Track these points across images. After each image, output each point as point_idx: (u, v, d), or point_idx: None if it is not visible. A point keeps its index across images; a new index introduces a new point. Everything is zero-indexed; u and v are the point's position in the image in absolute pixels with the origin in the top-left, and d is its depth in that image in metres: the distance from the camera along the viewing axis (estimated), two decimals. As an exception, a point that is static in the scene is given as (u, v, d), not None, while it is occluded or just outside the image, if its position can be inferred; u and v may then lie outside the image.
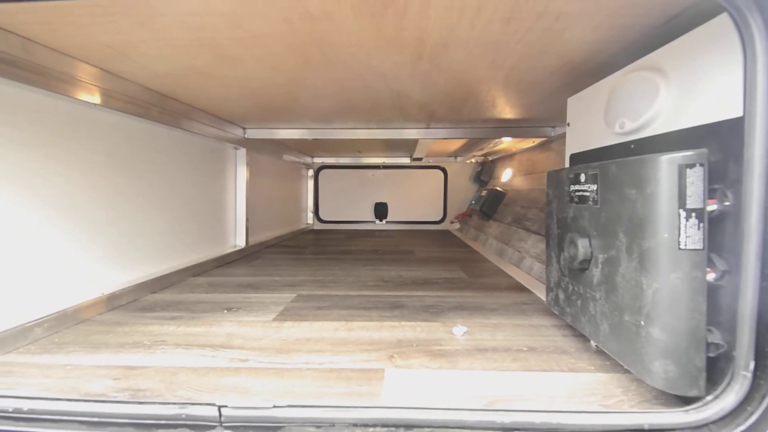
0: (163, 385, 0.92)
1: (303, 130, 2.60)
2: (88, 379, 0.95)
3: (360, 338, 1.19)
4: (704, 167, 0.73)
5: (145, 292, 1.68)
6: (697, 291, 0.74)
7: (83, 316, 1.36)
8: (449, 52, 1.19)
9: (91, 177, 1.44)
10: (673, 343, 0.75)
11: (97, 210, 1.47)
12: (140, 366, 1.02)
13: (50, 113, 1.28)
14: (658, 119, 0.93)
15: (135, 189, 1.68)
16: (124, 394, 0.87)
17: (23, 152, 1.19)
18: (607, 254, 0.93)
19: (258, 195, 2.95)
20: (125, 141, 1.62)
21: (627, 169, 0.85)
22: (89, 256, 1.44)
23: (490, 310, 1.45)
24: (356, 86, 1.56)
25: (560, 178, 1.18)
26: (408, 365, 1.02)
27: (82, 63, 1.30)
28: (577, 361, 1.03)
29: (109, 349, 1.13)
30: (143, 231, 1.74)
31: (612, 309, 0.91)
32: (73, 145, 1.37)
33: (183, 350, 1.12)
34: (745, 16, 0.61)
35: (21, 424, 0.68)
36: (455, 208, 4.36)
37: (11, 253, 1.15)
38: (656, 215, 0.76)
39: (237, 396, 0.87)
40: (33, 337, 1.17)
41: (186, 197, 2.09)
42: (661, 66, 0.93)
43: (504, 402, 0.82)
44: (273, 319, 1.37)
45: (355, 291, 1.73)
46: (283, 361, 1.05)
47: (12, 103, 1.15)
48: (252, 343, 1.17)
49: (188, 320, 1.37)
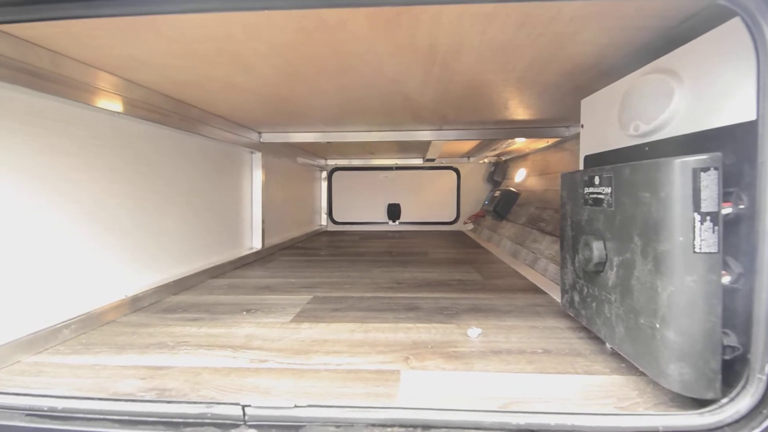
0: (188, 384, 0.96)
1: (317, 134, 2.64)
2: (116, 379, 0.99)
3: (376, 340, 1.22)
4: (718, 171, 0.73)
5: (167, 294, 1.73)
6: (713, 294, 0.74)
7: (108, 318, 1.41)
8: (461, 58, 1.20)
9: (116, 183, 1.49)
10: (689, 346, 0.76)
11: (122, 215, 1.52)
12: (165, 366, 1.06)
13: (78, 123, 1.33)
14: (673, 122, 0.93)
15: (157, 194, 1.73)
16: (151, 394, 0.91)
17: (56, 160, 1.24)
18: (622, 257, 0.93)
19: (273, 198, 2.99)
20: (147, 148, 1.67)
21: (641, 172, 0.85)
22: (114, 260, 1.49)
23: (504, 312, 1.46)
24: (370, 92, 1.59)
25: (574, 180, 1.19)
26: (423, 367, 1.03)
27: (106, 73, 1.35)
28: (593, 363, 1.04)
29: (135, 349, 1.17)
30: (165, 235, 1.79)
31: (627, 311, 0.91)
32: (99, 153, 1.42)
33: (205, 351, 1.16)
34: (757, 20, 0.61)
35: (56, 422, 0.71)
36: (468, 208, 4.35)
37: (42, 256, 1.20)
38: (671, 219, 0.76)
39: (258, 396, 0.90)
40: (62, 338, 1.22)
41: (205, 201, 2.14)
42: (675, 69, 0.93)
43: (519, 404, 0.84)
44: (290, 321, 1.40)
45: (370, 293, 1.75)
46: (302, 362, 1.07)
47: (44, 115, 1.20)
48: (271, 344, 1.20)
49: (209, 321, 1.41)
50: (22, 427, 0.68)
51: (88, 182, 1.37)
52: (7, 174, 1.09)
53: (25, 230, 1.14)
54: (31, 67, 1.11)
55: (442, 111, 1.98)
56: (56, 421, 0.70)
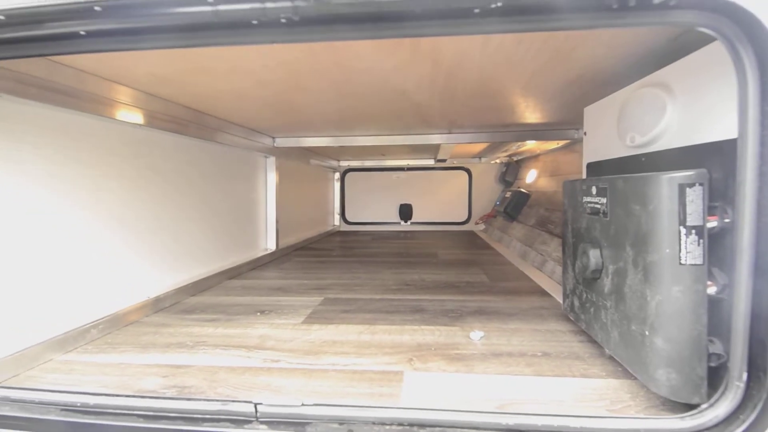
0: (206, 383, 1.03)
1: (328, 138, 2.70)
2: (140, 376, 1.07)
3: (382, 341, 1.27)
4: (704, 186, 0.76)
5: (186, 295, 1.82)
6: (698, 304, 0.77)
7: (132, 318, 1.49)
8: (464, 71, 1.25)
9: (137, 191, 1.58)
10: (676, 353, 0.79)
11: (145, 220, 1.61)
12: (185, 365, 1.13)
13: (101, 135, 1.41)
14: (666, 135, 0.96)
15: (175, 200, 1.82)
16: (172, 391, 0.99)
17: (81, 171, 1.33)
18: (616, 265, 0.97)
19: (287, 199, 3.08)
20: (166, 156, 1.76)
21: (632, 185, 0.89)
22: (138, 263, 1.58)
23: (508, 315, 1.50)
24: (378, 101, 1.64)
25: (575, 188, 1.22)
26: (426, 368, 1.09)
27: (127, 88, 1.44)
28: (590, 366, 1.08)
29: (157, 349, 1.25)
30: (184, 238, 1.87)
31: (621, 318, 0.95)
32: (121, 163, 1.50)
33: (221, 350, 1.23)
34: (736, 47, 0.64)
35: (88, 416, 0.79)
36: (480, 208, 4.37)
37: (71, 262, 1.29)
38: (658, 231, 0.80)
39: (270, 394, 0.97)
40: (90, 337, 1.31)
41: (221, 205, 2.22)
42: (668, 83, 0.96)
43: (514, 405, 0.89)
44: (302, 322, 1.47)
45: (378, 294, 1.81)
46: (311, 362, 1.14)
47: (71, 129, 1.29)
48: (283, 344, 1.27)
49: (225, 322, 1.48)
50: (58, 420, 0.76)
51: (111, 191, 1.45)
52: (40, 183, 1.18)
53: (57, 235, 1.23)
54: (59, 85, 1.19)
55: (450, 116, 2.02)
56: (88, 416, 0.78)
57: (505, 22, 0.63)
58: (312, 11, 0.62)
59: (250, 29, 0.67)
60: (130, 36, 0.69)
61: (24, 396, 0.78)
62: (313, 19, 0.64)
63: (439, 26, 0.62)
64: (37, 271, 1.17)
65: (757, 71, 0.64)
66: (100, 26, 0.67)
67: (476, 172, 4.43)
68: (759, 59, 0.63)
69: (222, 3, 0.63)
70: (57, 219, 1.23)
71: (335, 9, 0.62)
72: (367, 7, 0.61)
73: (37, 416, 0.75)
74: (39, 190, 1.17)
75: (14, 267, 1.10)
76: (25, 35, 0.71)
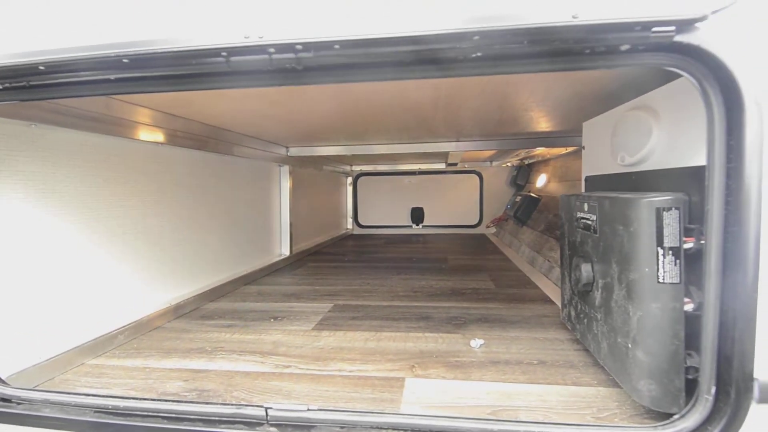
0: (223, 387, 1.12)
1: (340, 147, 2.79)
2: (164, 380, 1.16)
3: (387, 348, 1.35)
4: (680, 210, 0.82)
5: (205, 301, 1.92)
6: (676, 320, 0.82)
7: (156, 324, 1.60)
8: (464, 92, 1.31)
9: (159, 205, 1.69)
10: (656, 365, 0.85)
11: (166, 232, 1.72)
12: (204, 370, 1.23)
13: (127, 155, 1.52)
14: (653, 156, 1.01)
15: (194, 211, 1.92)
16: (193, 394, 1.08)
17: (109, 189, 1.44)
18: (605, 280, 1.02)
19: (301, 206, 3.18)
20: (186, 171, 1.87)
21: (616, 206, 0.94)
22: (160, 271, 1.69)
23: (510, 323, 1.56)
24: (385, 117, 1.72)
25: (570, 203, 1.27)
26: (426, 375, 1.16)
27: (150, 110, 1.54)
28: (583, 375, 1.13)
29: (179, 354, 1.35)
30: (203, 247, 1.98)
31: (609, 330, 1.00)
32: (144, 180, 1.61)
33: (237, 356, 1.32)
34: (704, 85, 0.69)
35: (118, 418, 0.88)
36: (491, 211, 4.41)
37: (100, 273, 1.40)
38: (638, 251, 0.85)
39: (281, 398, 1.05)
40: (117, 342, 1.41)
41: (237, 213, 2.33)
42: (655, 107, 1.01)
43: (505, 412, 0.95)
44: (312, 329, 1.55)
45: (386, 301, 1.88)
46: (320, 368, 1.22)
47: (100, 150, 1.40)
48: (294, 350, 1.35)
49: (241, 328, 1.58)
50: (92, 422, 0.85)
51: (135, 207, 1.56)
52: (70, 202, 1.29)
53: (84, 249, 1.34)
54: (89, 112, 1.30)
55: (456, 127, 2.09)
56: (118, 417, 0.87)
57: (486, 67, 0.69)
58: (312, 62, 0.70)
59: (261, 75, 0.75)
60: (154, 81, 0.78)
61: (62, 399, 0.88)
62: (313, 67, 0.71)
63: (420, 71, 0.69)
64: (70, 282, 1.28)
65: (723, 108, 0.69)
66: (127, 74, 0.77)
67: (487, 175, 4.47)
68: (725, 98, 0.68)
69: (234, 55, 0.71)
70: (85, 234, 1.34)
71: (332, 60, 0.69)
72: (358, 58, 0.68)
73: (73, 417, 0.85)
74: (70, 210, 1.28)
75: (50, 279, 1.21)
76: (62, 81, 0.80)
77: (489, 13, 0.62)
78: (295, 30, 0.66)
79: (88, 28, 0.72)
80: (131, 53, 0.72)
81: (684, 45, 0.66)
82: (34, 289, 1.16)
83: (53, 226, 1.22)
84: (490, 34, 0.63)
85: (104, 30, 0.72)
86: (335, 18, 0.66)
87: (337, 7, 0.66)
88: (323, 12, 0.66)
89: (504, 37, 0.63)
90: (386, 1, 0.63)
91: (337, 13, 0.66)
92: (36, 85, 0.81)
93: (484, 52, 0.66)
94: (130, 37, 0.71)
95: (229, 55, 0.71)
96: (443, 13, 0.63)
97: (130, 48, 0.71)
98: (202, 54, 0.71)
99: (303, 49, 0.68)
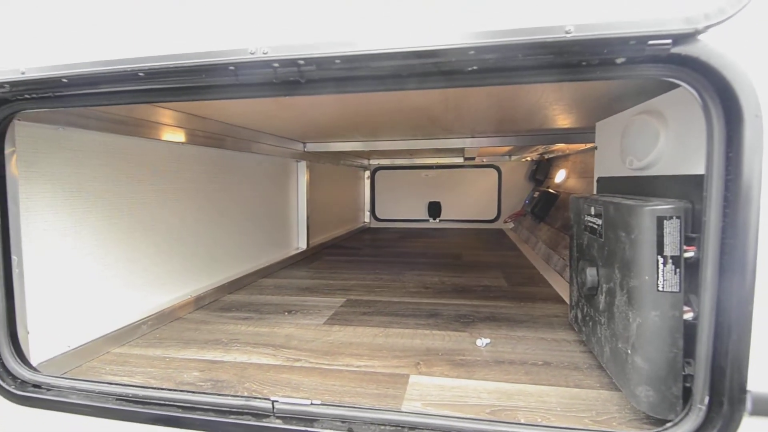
0: (236, 378, 1.18)
1: (356, 143, 2.81)
2: (182, 370, 1.23)
3: (394, 345, 1.38)
4: (681, 219, 0.81)
5: (224, 293, 2.00)
6: (674, 328, 0.83)
7: (177, 315, 1.68)
8: (470, 95, 1.32)
9: (181, 202, 1.76)
10: (654, 372, 0.85)
11: (187, 227, 1.79)
12: (219, 361, 1.29)
13: (147, 154, 1.59)
14: (660, 162, 1.00)
15: (214, 207, 1.99)
16: (208, 384, 1.14)
17: (131, 186, 1.51)
18: (608, 285, 1.02)
19: (318, 200, 3.23)
20: (205, 169, 1.93)
21: (620, 212, 0.94)
22: (182, 264, 1.76)
23: (518, 322, 1.57)
24: (397, 116, 1.73)
25: (579, 205, 1.27)
26: (430, 372, 1.19)
27: (171, 111, 1.60)
28: (586, 377, 1.14)
29: (197, 344, 1.42)
30: (222, 241, 2.06)
31: (611, 334, 1.01)
32: (167, 178, 1.68)
33: (251, 348, 1.38)
34: (704, 96, 0.69)
35: (137, 406, 0.95)
36: (510, 206, 4.37)
37: (127, 267, 1.48)
38: (639, 259, 0.86)
39: (290, 391, 1.11)
40: (140, 332, 1.50)
41: (256, 208, 2.40)
42: (663, 112, 0.99)
43: (504, 412, 0.97)
44: (324, 323, 1.60)
45: (397, 297, 1.92)
46: (328, 363, 1.26)
47: (123, 151, 1.47)
48: (305, 344, 1.40)
49: (257, 321, 1.64)
50: (114, 408, 0.92)
51: (156, 203, 1.63)
52: (94, 201, 1.36)
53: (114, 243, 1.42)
54: (114, 115, 1.37)
55: (469, 126, 2.08)
56: (138, 405, 0.94)
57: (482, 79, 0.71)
58: (313, 74, 0.73)
59: (266, 86, 0.78)
60: (167, 92, 0.83)
61: (87, 387, 0.96)
62: (315, 79, 0.74)
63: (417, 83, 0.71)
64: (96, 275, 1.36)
65: (723, 119, 0.68)
66: (143, 86, 0.81)
67: (506, 169, 4.42)
68: (725, 109, 0.68)
69: (241, 69, 0.74)
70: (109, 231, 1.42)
71: (332, 73, 0.72)
72: (357, 71, 0.71)
73: (97, 404, 0.92)
74: (95, 207, 1.36)
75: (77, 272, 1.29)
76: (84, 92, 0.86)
77: (484, 29, 0.63)
78: (298, 46, 0.69)
79: (106, 44, 0.77)
80: (146, 67, 0.76)
81: (682, 56, 0.66)
82: (62, 282, 1.24)
83: (79, 222, 1.30)
84: (484, 49, 0.64)
85: (121, 46, 0.76)
86: (335, 34, 0.69)
87: (337, 25, 0.68)
88: (324, 29, 0.69)
89: (499, 52, 0.64)
90: (384, 19, 0.65)
91: (337, 29, 0.68)
92: (60, 96, 0.86)
93: (480, 66, 0.68)
94: (145, 53, 0.75)
95: (237, 68, 0.74)
96: (439, 29, 0.65)
97: (145, 63, 0.75)
98: (211, 68, 0.75)
99: (305, 63, 0.71)
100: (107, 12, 0.76)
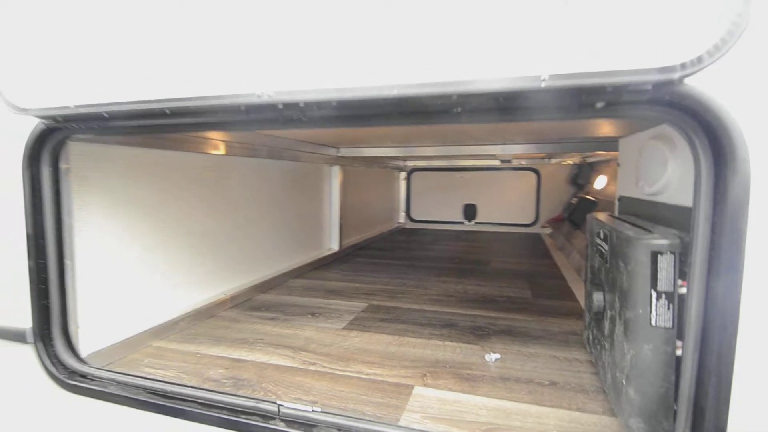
0: (256, 378, 1.29)
1: (389, 148, 2.87)
2: (210, 367, 1.36)
3: (405, 354, 1.44)
4: (675, 255, 0.81)
5: (256, 293, 2.14)
6: (666, 363, 0.82)
7: (212, 312, 1.83)
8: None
9: (219, 207, 1.90)
10: (645, 405, 0.85)
11: (223, 231, 1.94)
12: (243, 359, 1.41)
13: (188, 166, 1.74)
14: (669, 189, 0.98)
15: (249, 211, 2.13)
16: (230, 382, 1.26)
17: (174, 194, 1.66)
18: (611, 312, 1.02)
19: (351, 202, 3.33)
20: (241, 177, 2.07)
21: (620, 241, 0.94)
22: (217, 265, 1.91)
23: (533, 338, 1.57)
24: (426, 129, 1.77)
25: (592, 225, 1.26)
26: (435, 385, 1.23)
27: (209, 126, 1.74)
28: (590, 401, 1.14)
29: (226, 342, 1.54)
30: (257, 244, 2.20)
31: (611, 362, 1.01)
32: (207, 186, 1.83)
33: (273, 349, 1.49)
34: (691, 137, 0.68)
35: (165, 400, 1.07)
36: (548, 211, 4.26)
37: (170, 267, 1.63)
38: (634, 291, 0.86)
39: (302, 393, 1.19)
40: (178, 328, 1.65)
41: (289, 211, 2.53)
42: (672, 138, 0.97)
43: (500, 431, 1.00)
44: (343, 328, 1.68)
45: (418, 305, 1.96)
46: (341, 368, 1.34)
47: (168, 164, 1.61)
48: (322, 348, 1.49)
49: (281, 322, 1.75)
50: (144, 401, 1.05)
51: (196, 209, 1.78)
52: (140, 209, 1.52)
53: (159, 246, 1.57)
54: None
55: (500, 135, 2.08)
56: (164, 399, 1.06)
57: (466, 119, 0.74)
58: (314, 114, 0.79)
59: (273, 122, 0.86)
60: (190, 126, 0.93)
61: (123, 379, 1.09)
62: (315, 118, 0.81)
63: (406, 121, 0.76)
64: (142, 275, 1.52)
65: (711, 161, 0.68)
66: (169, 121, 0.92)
67: (545, 173, 4.31)
68: (713, 151, 0.67)
69: (251, 109, 0.83)
70: (158, 234, 1.57)
71: (330, 113, 0.78)
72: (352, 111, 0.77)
73: (131, 396, 1.05)
74: (142, 215, 1.51)
75: (127, 273, 1.45)
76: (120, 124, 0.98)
77: (465, 78, 0.67)
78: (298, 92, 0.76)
79: (139, 86, 0.88)
80: (172, 107, 0.86)
81: (666, 100, 0.66)
82: (113, 281, 1.40)
83: (127, 228, 1.45)
84: (466, 95, 0.68)
85: (151, 88, 0.87)
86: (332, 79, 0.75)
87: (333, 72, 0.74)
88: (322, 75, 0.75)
89: (479, 98, 0.68)
90: (372, 68, 0.71)
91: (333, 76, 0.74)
92: (102, 126, 0.99)
93: (464, 108, 0.71)
94: (170, 94, 0.85)
95: (247, 109, 0.83)
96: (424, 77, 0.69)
97: (170, 103, 0.85)
98: (225, 108, 0.84)
99: (305, 106, 0.78)
100: (141, 60, 0.87)
